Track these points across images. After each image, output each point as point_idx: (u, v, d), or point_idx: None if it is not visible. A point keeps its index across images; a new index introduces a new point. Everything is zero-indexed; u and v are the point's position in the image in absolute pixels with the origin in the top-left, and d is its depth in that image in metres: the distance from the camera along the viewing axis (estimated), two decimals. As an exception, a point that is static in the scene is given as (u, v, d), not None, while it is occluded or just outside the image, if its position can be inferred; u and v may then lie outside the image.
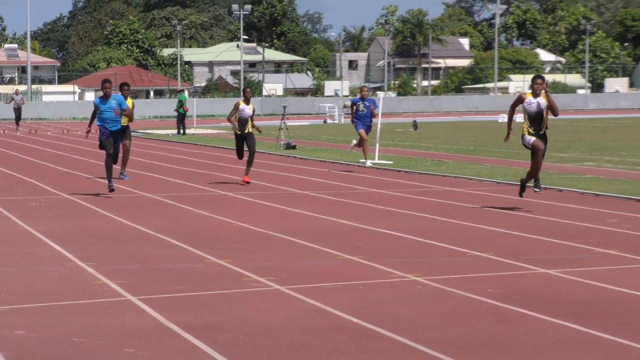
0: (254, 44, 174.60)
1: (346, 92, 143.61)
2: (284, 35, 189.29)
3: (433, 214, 26.38)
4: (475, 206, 27.89)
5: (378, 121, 41.16)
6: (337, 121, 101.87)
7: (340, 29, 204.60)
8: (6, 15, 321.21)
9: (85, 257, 19.81)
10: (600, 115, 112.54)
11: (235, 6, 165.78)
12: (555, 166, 41.17)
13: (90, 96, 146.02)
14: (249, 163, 33.17)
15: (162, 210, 27.00)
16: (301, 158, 48.93)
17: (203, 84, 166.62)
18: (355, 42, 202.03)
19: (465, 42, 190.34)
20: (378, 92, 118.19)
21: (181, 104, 76.59)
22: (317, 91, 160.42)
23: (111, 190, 28.25)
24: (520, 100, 23.89)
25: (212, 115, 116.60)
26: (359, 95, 39.70)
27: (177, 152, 56.34)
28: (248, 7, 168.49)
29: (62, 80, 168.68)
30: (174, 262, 19.52)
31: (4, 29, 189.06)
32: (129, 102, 32.39)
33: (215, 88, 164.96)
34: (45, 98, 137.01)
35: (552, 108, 23.96)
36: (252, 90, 33.96)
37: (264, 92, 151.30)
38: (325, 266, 18.78)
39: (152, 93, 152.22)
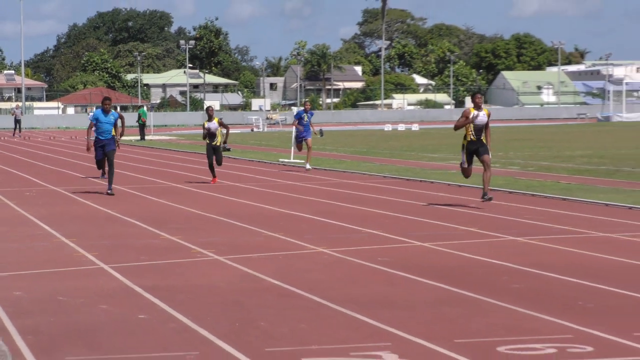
0: (197, 71, 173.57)
1: (268, 107, 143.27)
2: (220, 63, 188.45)
3: (336, 201, 26.43)
4: (368, 194, 27.94)
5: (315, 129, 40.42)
6: (261, 129, 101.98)
7: (263, 59, 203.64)
8: (4, 47, 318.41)
9: (67, 235, 19.76)
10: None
11: (182, 41, 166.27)
12: (428, 164, 41.39)
13: (70, 111, 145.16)
14: (218, 162, 32.04)
15: (128, 198, 26.88)
16: (234, 158, 48.77)
17: (158, 101, 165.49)
18: (274, 69, 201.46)
19: (358, 69, 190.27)
20: (293, 108, 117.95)
21: (140, 116, 77.55)
22: (245, 107, 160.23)
23: (109, 193, 27.38)
24: (466, 114, 23.07)
25: (165, 125, 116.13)
26: (302, 108, 38.58)
27: (138, 154, 56.07)
28: (192, 42, 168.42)
29: (49, 98, 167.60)
30: (137, 238, 19.52)
31: (3, 59, 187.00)
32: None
33: (167, 104, 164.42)
34: (36, 112, 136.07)
35: (488, 123, 23.33)
36: (210, 107, 33.52)
37: (206, 106, 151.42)
38: (253, 241, 18.80)
39: (118, 108, 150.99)
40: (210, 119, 31.41)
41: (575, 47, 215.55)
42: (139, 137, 76.04)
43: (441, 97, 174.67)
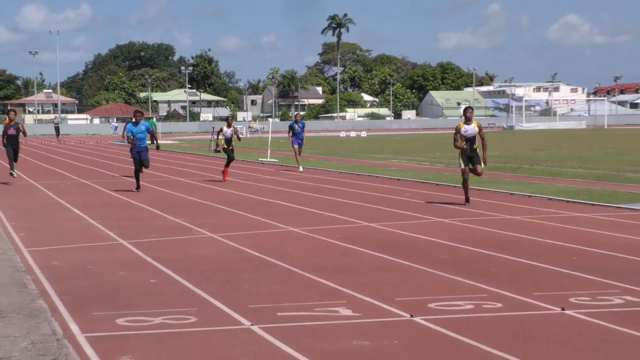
0: (194, 90, 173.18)
1: (249, 118, 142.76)
2: (212, 84, 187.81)
3: (303, 191, 26.39)
4: (327, 186, 27.86)
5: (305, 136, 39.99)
6: (244, 135, 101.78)
7: (246, 81, 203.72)
8: (44, 72, 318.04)
9: (94, 217, 19.64)
10: (399, 133, 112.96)
11: (182, 67, 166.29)
12: (374, 162, 41.34)
13: (96, 121, 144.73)
14: (228, 162, 31.12)
15: (143, 190, 26.68)
16: (223, 157, 48.62)
17: (164, 114, 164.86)
18: (254, 88, 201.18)
19: (319, 89, 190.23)
20: (269, 119, 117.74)
21: (149, 126, 77.25)
22: (233, 118, 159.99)
23: (137, 190, 26.02)
24: (458, 130, 20.68)
25: (170, 132, 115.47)
26: (293, 119, 37.35)
27: (150, 155, 55.85)
28: (190, 68, 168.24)
29: (79, 111, 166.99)
30: (149, 220, 19.41)
31: (43, 80, 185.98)
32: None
33: (171, 116, 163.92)
34: (69, 122, 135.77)
35: (481, 135, 20.78)
36: (230, 118, 32.64)
37: (201, 119, 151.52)
38: (239, 222, 18.73)
39: (133, 119, 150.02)
40: (229, 126, 30.73)
41: (485, 72, 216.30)
42: (150, 142, 75.87)
43: (383, 110, 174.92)
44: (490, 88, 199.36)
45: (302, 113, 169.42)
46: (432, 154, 48.22)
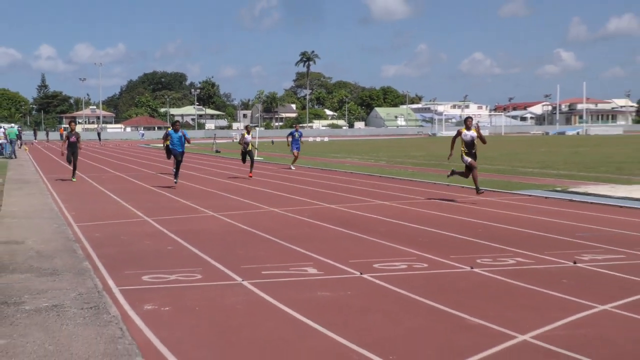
0: (201, 106, 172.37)
1: (242, 127, 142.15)
2: (214, 102, 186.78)
3: (283, 182, 26.30)
4: (299, 178, 27.82)
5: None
6: (238, 140, 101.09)
7: (239, 100, 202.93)
8: (90, 93, 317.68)
9: (126, 200, 19.52)
10: (352, 138, 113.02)
11: (192, 90, 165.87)
12: (333, 160, 41.30)
13: (128, 130, 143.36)
14: (252, 166, 28.41)
15: (162, 181, 26.54)
16: (222, 157, 48.48)
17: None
18: (245, 105, 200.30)
19: (293, 106, 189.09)
20: (257, 128, 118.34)
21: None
22: (229, 127, 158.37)
23: (175, 183, 23.93)
24: (459, 133, 18.67)
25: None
26: (294, 129, 34.88)
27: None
28: (198, 90, 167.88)
29: (116, 122, 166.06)
30: (167, 203, 19.28)
31: (89, 99, 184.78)
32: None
33: (183, 126, 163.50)
34: (109, 130, 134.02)
35: (481, 138, 18.70)
36: (249, 126, 30.74)
37: (206, 128, 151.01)
38: (233, 204, 18.65)
39: (155, 128, 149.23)
40: (248, 133, 28.68)
41: (415, 94, 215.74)
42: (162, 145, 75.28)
43: (340, 122, 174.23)
44: (419, 105, 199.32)
45: (280, 124, 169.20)
46: (376, 154, 48.27)
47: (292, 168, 33.67)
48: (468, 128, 18.63)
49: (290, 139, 34.27)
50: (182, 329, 7.32)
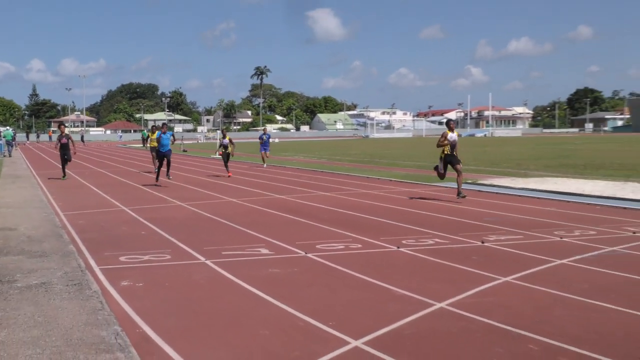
0: (171, 112, 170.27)
1: (205, 131, 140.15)
2: (182, 109, 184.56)
3: (242, 177, 26.14)
4: (256, 173, 27.65)
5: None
6: (202, 141, 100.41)
7: (203, 107, 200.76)
8: (75, 100, 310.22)
9: (106, 192, 19.24)
10: (299, 140, 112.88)
11: (163, 98, 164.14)
12: (282, 158, 41.13)
13: (108, 132, 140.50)
14: (226, 165, 26.40)
15: (137, 177, 26.14)
16: (189, 155, 47.98)
17: (150, 128, 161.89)
18: (208, 112, 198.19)
19: (249, 112, 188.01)
20: (218, 131, 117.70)
21: (142, 136, 75.54)
22: (195, 130, 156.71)
23: (169, 179, 22.57)
24: (444, 135, 16.53)
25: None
26: (262, 132, 33.01)
27: (144, 155, 54.75)
28: (168, 98, 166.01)
29: (97, 126, 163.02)
30: (141, 195, 19.00)
31: (74, 106, 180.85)
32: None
33: (157, 129, 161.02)
34: (91, 133, 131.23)
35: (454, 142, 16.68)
36: (224, 129, 28.73)
37: (175, 130, 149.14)
38: (198, 195, 18.47)
39: (132, 131, 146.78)
40: (224, 137, 26.90)
41: (352, 102, 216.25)
42: (141, 145, 74.16)
43: (289, 126, 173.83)
44: (354, 112, 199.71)
45: (238, 127, 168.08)
46: (319, 153, 48.26)
47: (265, 166, 31.73)
48: (452, 130, 16.83)
49: (260, 141, 32.82)
50: (153, 301, 7.23)
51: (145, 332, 6.18)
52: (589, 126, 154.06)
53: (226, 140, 26.96)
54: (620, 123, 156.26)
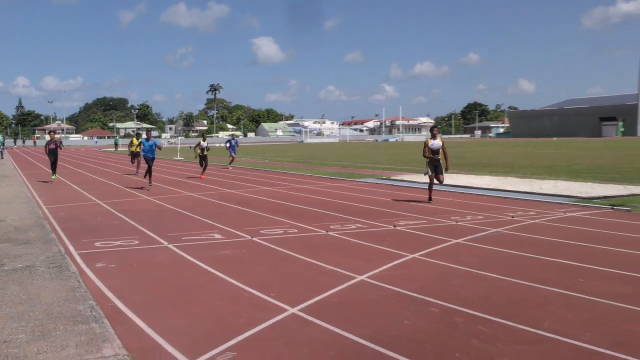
0: (139, 122, 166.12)
1: (169, 137, 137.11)
2: (149, 119, 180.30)
3: (208, 176, 25.73)
4: (213, 172, 27.24)
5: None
6: (166, 145, 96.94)
7: (167, 117, 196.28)
8: (57, 112, 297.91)
9: (84, 189, 18.58)
10: (246, 144, 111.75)
11: (133, 110, 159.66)
12: (241, 160, 40.78)
13: (85, 138, 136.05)
14: (204, 168, 24.01)
15: (113, 177, 25.36)
16: (158, 157, 46.79)
17: (122, 135, 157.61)
18: (171, 121, 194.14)
19: (205, 122, 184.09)
20: (178, 137, 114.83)
21: (115, 141, 73.32)
22: (159, 137, 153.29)
23: (150, 185, 19.58)
24: (426, 144, 14.17)
25: (124, 144, 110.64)
26: (231, 136, 31.29)
27: (117, 159, 53.23)
28: (137, 110, 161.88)
29: (76, 133, 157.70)
30: (114, 191, 18.44)
31: (55, 116, 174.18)
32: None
33: (128, 136, 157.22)
34: (70, 139, 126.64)
35: (444, 151, 14.27)
36: (204, 135, 26.10)
37: (142, 137, 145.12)
38: (165, 191, 18.04)
39: (106, 137, 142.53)
40: (204, 140, 24.32)
41: (289, 113, 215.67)
42: (114, 149, 72.02)
43: (238, 133, 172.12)
44: (292, 121, 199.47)
45: (195, 134, 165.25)
46: (262, 155, 47.97)
47: (230, 168, 29.95)
48: (434, 137, 14.31)
49: (227, 145, 30.75)
50: (124, 280, 7.03)
51: (117, 306, 6.02)
52: (478, 133, 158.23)
53: (204, 144, 24.32)
54: (502, 130, 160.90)
